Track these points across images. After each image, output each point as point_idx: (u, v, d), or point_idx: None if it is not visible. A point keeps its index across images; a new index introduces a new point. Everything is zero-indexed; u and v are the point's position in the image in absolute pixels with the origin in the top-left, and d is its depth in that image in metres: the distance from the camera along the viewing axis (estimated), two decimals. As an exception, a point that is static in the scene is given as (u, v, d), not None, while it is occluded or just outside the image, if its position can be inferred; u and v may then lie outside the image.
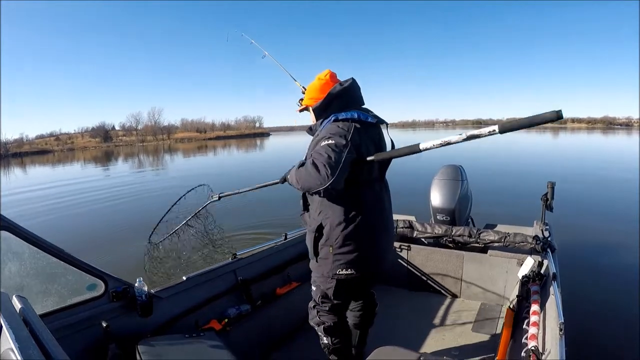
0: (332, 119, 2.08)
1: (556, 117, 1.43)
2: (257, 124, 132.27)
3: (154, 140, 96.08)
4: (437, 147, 1.83)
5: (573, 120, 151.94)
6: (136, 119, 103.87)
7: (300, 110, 2.40)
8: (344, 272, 2.10)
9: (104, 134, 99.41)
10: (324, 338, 2.34)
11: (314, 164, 1.91)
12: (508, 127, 1.59)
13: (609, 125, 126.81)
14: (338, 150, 1.91)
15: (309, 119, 2.34)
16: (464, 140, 1.75)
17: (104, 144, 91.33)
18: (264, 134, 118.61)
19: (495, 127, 1.61)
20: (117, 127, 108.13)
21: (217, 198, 2.94)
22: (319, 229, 2.11)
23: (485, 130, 1.66)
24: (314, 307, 2.37)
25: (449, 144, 1.77)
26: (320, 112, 2.18)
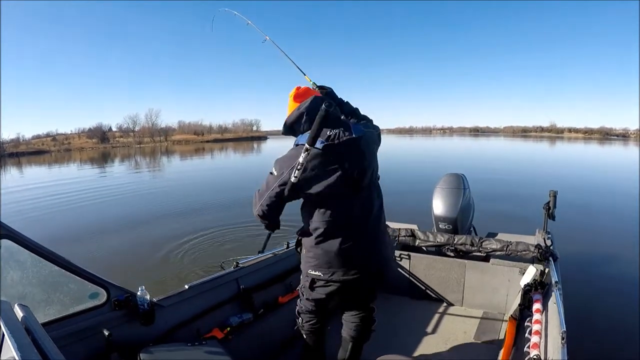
0: (294, 144, 2.14)
1: None
2: (255, 127, 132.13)
3: (152, 142, 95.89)
4: None
5: (570, 130, 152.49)
6: (133, 121, 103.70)
7: None
8: (312, 272, 2.19)
9: (101, 135, 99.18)
10: (297, 317, 2.49)
11: (254, 193, 2.21)
12: None
13: (605, 135, 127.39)
14: (270, 184, 2.11)
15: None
16: None
17: (101, 145, 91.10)
18: (261, 137, 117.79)
19: None
20: (114, 129, 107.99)
21: None
22: (299, 231, 2.27)
23: None
24: (299, 290, 2.44)
25: None
26: (289, 134, 2.23)
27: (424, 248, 3.89)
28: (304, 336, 2.49)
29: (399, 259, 3.94)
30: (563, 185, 13.17)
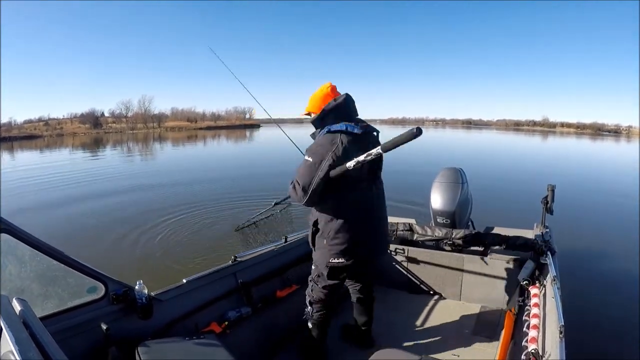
0: (325, 130, 2.40)
1: (414, 136, 1.86)
2: (248, 115, 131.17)
3: (144, 128, 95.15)
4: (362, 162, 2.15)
5: (562, 125, 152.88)
6: (126, 107, 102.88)
7: (307, 114, 2.61)
8: (335, 260, 2.43)
9: (93, 120, 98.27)
10: (307, 307, 2.73)
11: (293, 185, 2.37)
12: (387, 147, 2.02)
13: (597, 131, 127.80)
14: (313, 169, 2.30)
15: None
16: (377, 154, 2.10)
17: (94, 131, 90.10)
18: (254, 125, 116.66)
19: (379, 149, 2.05)
20: (106, 114, 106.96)
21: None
22: (315, 224, 2.47)
23: (374, 151, 2.08)
24: (310, 280, 2.73)
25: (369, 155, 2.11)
26: (317, 123, 2.50)
27: (422, 242, 3.89)
28: (310, 325, 2.74)
29: (393, 253, 3.95)
30: (561, 179, 13.16)
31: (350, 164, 2.15)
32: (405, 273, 3.92)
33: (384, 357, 1.91)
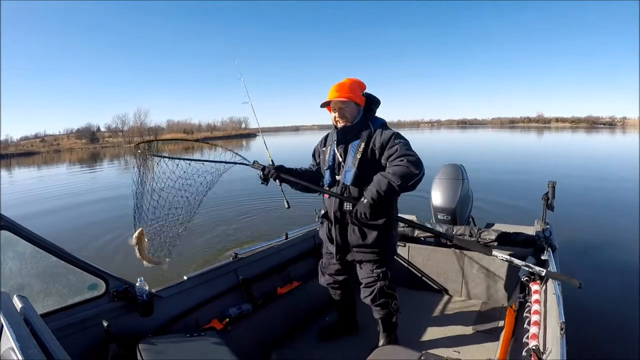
0: (381, 123, 2.56)
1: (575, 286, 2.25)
2: (244, 125, 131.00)
3: (141, 141, 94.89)
4: None
5: (557, 120, 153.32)
6: (122, 120, 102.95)
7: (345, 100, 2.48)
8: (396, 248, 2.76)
9: (90, 135, 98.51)
10: (394, 304, 2.72)
11: (409, 160, 2.25)
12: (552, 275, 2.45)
13: (592, 124, 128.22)
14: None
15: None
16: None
17: (91, 145, 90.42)
18: (250, 134, 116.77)
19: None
20: (102, 129, 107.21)
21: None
22: (388, 221, 2.55)
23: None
24: (384, 278, 2.62)
25: None
26: (360, 112, 2.55)
27: (423, 239, 3.89)
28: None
29: (401, 246, 3.95)
30: (561, 175, 13.14)
31: None
32: (406, 269, 3.92)
33: (385, 354, 1.91)
